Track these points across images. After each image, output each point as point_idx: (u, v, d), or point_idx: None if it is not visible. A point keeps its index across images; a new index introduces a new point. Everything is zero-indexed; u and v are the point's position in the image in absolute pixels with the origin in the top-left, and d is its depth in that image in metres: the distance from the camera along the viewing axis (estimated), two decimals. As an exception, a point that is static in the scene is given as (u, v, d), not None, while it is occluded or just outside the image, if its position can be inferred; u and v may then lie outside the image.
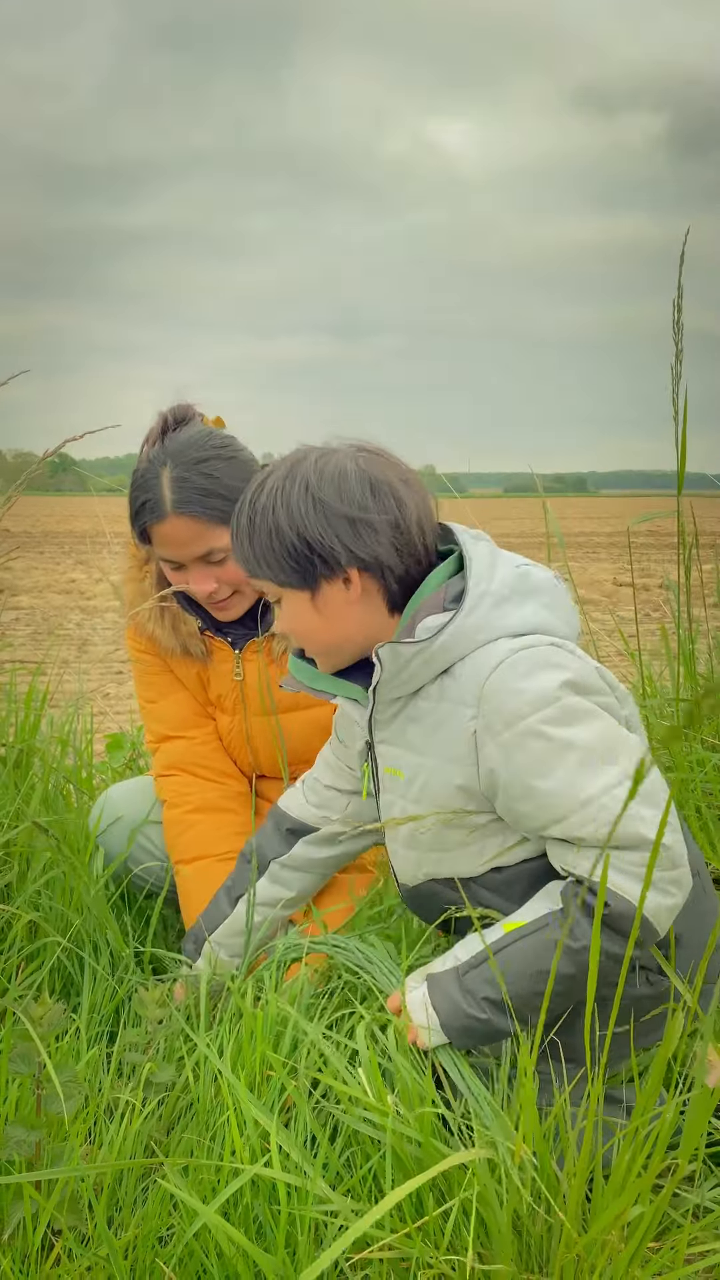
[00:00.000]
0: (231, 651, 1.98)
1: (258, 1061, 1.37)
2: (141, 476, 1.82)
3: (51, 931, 1.80)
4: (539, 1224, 1.16)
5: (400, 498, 1.38)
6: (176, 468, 1.79)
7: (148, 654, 2.04)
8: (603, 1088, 1.22)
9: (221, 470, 1.80)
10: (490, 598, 1.35)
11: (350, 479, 1.36)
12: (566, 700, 1.28)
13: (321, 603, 1.40)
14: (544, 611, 1.37)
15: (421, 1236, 1.15)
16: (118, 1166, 1.25)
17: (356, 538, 1.36)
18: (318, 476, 1.36)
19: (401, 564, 1.39)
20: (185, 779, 2.01)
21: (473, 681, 1.32)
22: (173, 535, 1.81)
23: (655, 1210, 1.12)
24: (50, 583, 13.39)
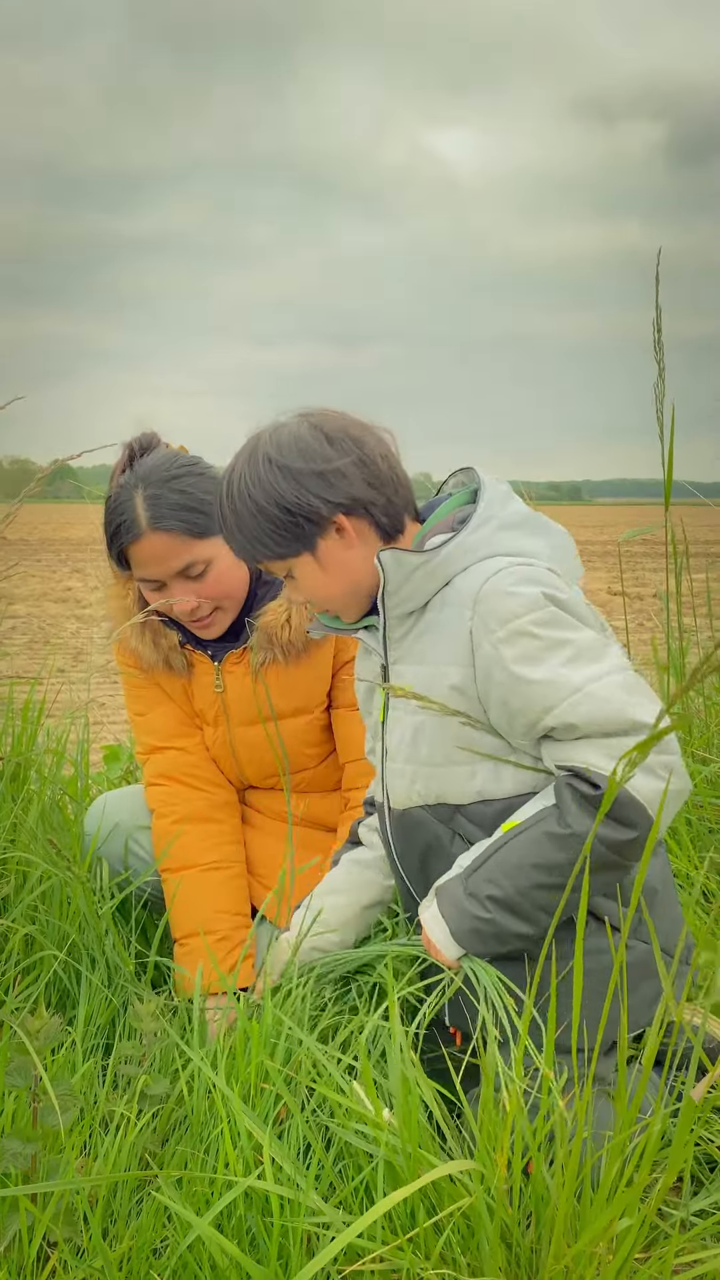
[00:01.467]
0: (212, 664, 2.00)
1: (252, 1073, 1.38)
2: (115, 501, 1.86)
3: (48, 945, 1.81)
4: (528, 1235, 1.18)
5: (356, 437, 1.46)
6: (149, 488, 1.83)
7: (135, 668, 2.06)
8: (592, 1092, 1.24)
9: (193, 485, 1.85)
10: (496, 522, 1.43)
11: (306, 439, 1.45)
12: (554, 609, 1.36)
13: (324, 558, 1.48)
14: (547, 550, 1.44)
15: (412, 1248, 1.17)
16: (112, 1179, 1.27)
17: (329, 487, 1.44)
18: (276, 448, 1.45)
19: (380, 495, 1.47)
20: (174, 788, 2.04)
21: (470, 587, 1.39)
22: (150, 553, 1.84)
23: (642, 1222, 1.14)
24: (47, 591, 13.40)
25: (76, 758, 2.55)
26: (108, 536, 1.88)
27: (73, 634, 9.37)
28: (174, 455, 1.90)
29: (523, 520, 1.46)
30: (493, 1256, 1.14)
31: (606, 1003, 1.14)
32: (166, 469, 1.86)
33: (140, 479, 1.85)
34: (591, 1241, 1.13)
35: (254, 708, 2.00)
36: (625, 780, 1.06)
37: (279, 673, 1.97)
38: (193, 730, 2.08)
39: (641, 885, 1.11)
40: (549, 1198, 1.17)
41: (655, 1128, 1.14)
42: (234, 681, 2.00)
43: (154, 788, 2.05)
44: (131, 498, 1.84)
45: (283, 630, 1.93)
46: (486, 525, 1.43)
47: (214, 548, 1.87)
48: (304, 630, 1.93)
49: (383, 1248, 1.15)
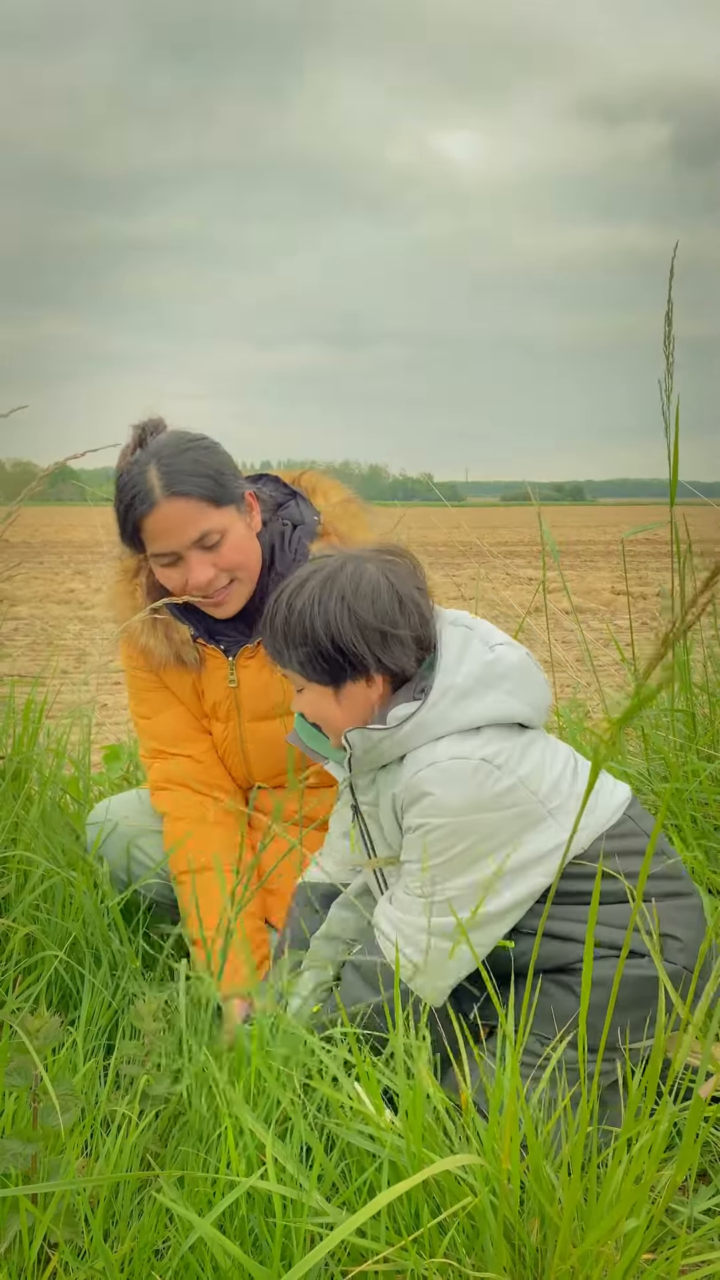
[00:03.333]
0: (225, 659, 1.98)
1: (253, 1073, 1.37)
2: (127, 476, 1.86)
3: (49, 945, 1.80)
4: (534, 1234, 1.17)
5: (422, 611, 1.56)
6: (162, 460, 1.84)
7: (141, 669, 2.04)
8: (599, 1091, 1.24)
9: (205, 456, 1.87)
10: (454, 692, 1.51)
11: (382, 594, 1.52)
12: (466, 819, 1.47)
13: (343, 696, 1.57)
14: (507, 699, 1.52)
15: (416, 1248, 1.15)
16: (114, 1179, 1.26)
17: (385, 649, 1.52)
18: (353, 590, 1.52)
19: (414, 666, 1.56)
20: (183, 793, 2.02)
21: (412, 769, 1.51)
22: (167, 521, 1.83)
23: (650, 1221, 1.13)
24: (49, 592, 13.40)
25: (79, 758, 2.54)
26: (121, 513, 1.87)
27: (75, 635, 9.36)
28: (183, 432, 1.91)
29: (478, 678, 1.52)
30: (497, 1256, 1.13)
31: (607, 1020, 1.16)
32: (178, 443, 1.87)
33: (153, 454, 1.85)
34: (598, 1241, 1.12)
35: (266, 702, 1.99)
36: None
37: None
38: (199, 735, 2.06)
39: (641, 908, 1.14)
40: (554, 1196, 1.16)
41: (663, 1125, 1.13)
42: (247, 676, 1.98)
43: (162, 792, 2.03)
44: (145, 471, 1.84)
45: None
46: (443, 699, 1.50)
47: (228, 517, 1.87)
48: None
49: (387, 1248, 1.14)
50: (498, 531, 11.96)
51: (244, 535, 1.90)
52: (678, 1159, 1.17)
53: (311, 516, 2.01)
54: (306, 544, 1.96)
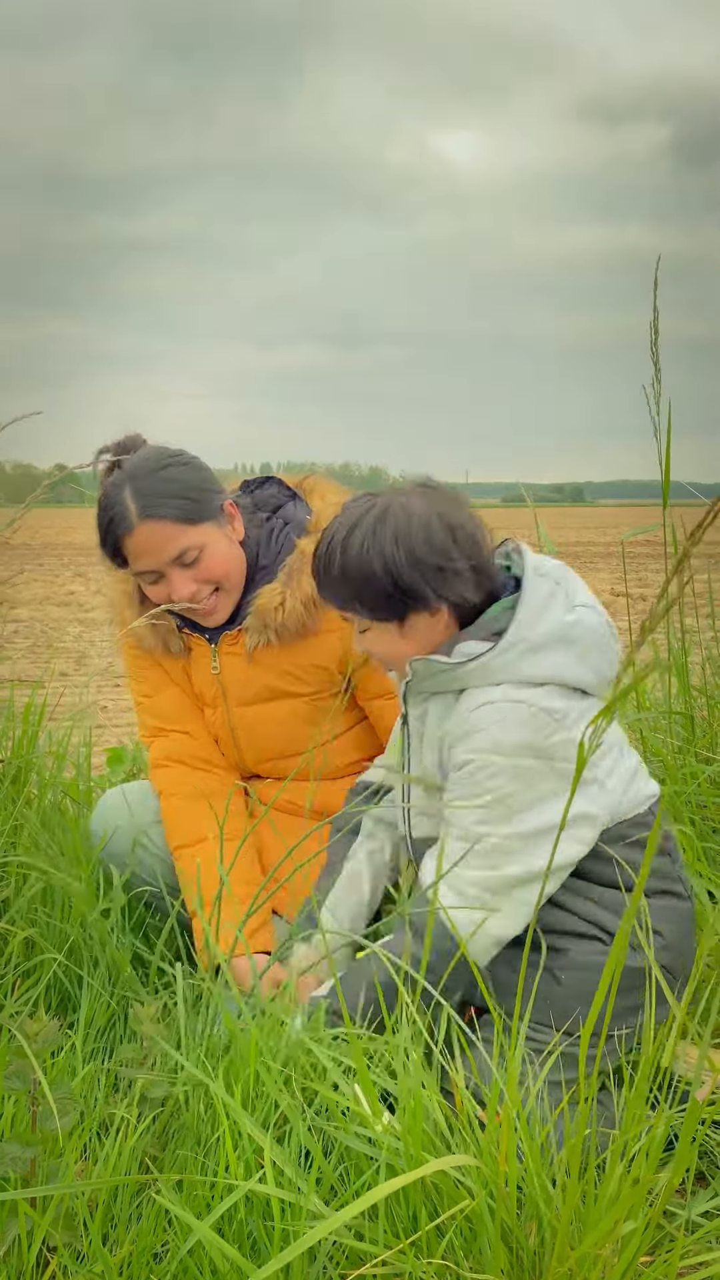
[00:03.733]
0: (208, 646, 2.03)
1: (251, 1076, 1.37)
2: (105, 499, 1.89)
3: (48, 948, 1.80)
4: (532, 1237, 1.17)
5: (475, 539, 1.57)
6: (136, 480, 1.87)
7: (138, 649, 2.10)
8: (595, 1092, 1.24)
9: (180, 474, 1.89)
10: (525, 645, 1.52)
11: (435, 528, 1.53)
12: (518, 761, 1.48)
13: (408, 629, 1.59)
14: (575, 664, 1.53)
15: (414, 1251, 1.16)
16: (112, 1183, 1.26)
17: (444, 583, 1.53)
18: (405, 526, 1.53)
19: (479, 595, 1.57)
20: (179, 769, 2.07)
21: (469, 704, 1.53)
22: (145, 543, 1.87)
23: (647, 1224, 1.13)
24: (49, 595, 13.41)
25: (79, 760, 2.54)
26: (101, 534, 1.91)
27: (75, 638, 9.37)
28: (159, 448, 1.94)
29: (553, 636, 1.53)
30: (495, 1259, 1.14)
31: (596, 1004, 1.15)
32: (154, 462, 1.90)
33: (128, 475, 1.88)
34: (595, 1244, 1.12)
35: (251, 689, 2.03)
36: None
37: (275, 654, 2.00)
38: (196, 713, 2.11)
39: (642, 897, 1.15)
40: (551, 1199, 1.16)
41: (660, 1129, 1.13)
42: (230, 663, 2.03)
43: (159, 769, 2.08)
44: (121, 493, 1.87)
45: (276, 612, 1.95)
46: (513, 649, 1.52)
47: (205, 533, 1.90)
48: (297, 612, 1.95)
49: (385, 1251, 1.14)
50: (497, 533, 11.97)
51: (224, 547, 1.93)
52: (675, 1162, 1.17)
53: (305, 515, 2.05)
54: (294, 539, 2.01)
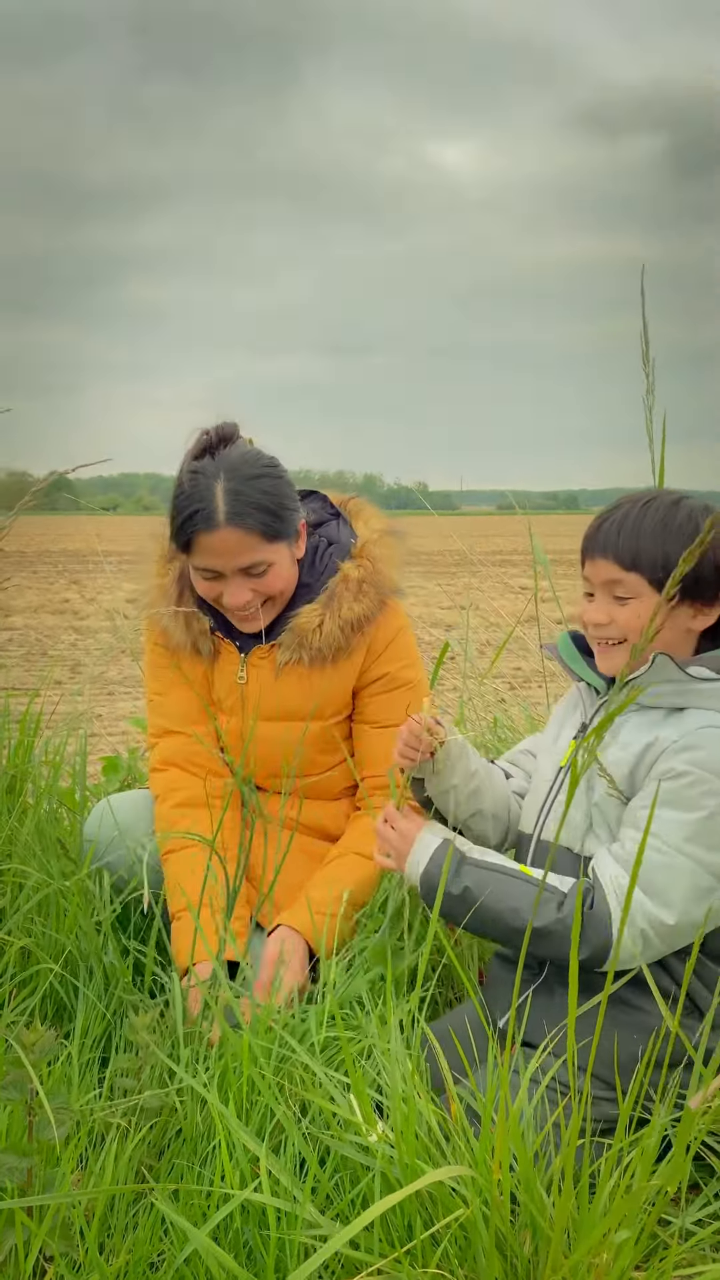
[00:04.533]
0: (238, 654, 2.01)
1: (244, 1085, 1.38)
2: (191, 486, 1.86)
3: (44, 958, 1.81)
4: (526, 1245, 1.17)
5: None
6: (231, 480, 1.84)
7: (162, 645, 2.08)
8: (589, 1108, 1.25)
9: (273, 487, 1.87)
10: None
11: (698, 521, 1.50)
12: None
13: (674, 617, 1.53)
14: None
15: (410, 1260, 1.16)
16: (108, 1192, 1.26)
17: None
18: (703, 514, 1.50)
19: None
20: (176, 774, 2.05)
21: (696, 721, 1.48)
22: (222, 546, 1.85)
23: (640, 1232, 1.14)
24: (44, 603, 13.40)
25: (74, 769, 2.54)
26: (178, 520, 1.87)
27: (70, 645, 9.36)
28: (257, 452, 1.92)
29: None
30: (489, 1267, 1.14)
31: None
32: (252, 465, 1.87)
33: (224, 469, 1.85)
34: (589, 1252, 1.13)
35: (271, 703, 2.01)
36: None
37: (302, 674, 1.99)
38: (205, 719, 2.09)
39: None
40: (545, 1208, 1.17)
41: (652, 1137, 1.14)
42: (256, 675, 2.01)
43: (158, 773, 2.07)
44: (212, 486, 1.84)
45: (314, 634, 1.94)
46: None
47: (279, 551, 1.89)
48: (334, 636, 1.95)
49: (380, 1259, 1.14)
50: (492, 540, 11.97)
51: (288, 565, 1.93)
52: (669, 1171, 1.18)
53: (349, 539, 2.04)
54: (337, 561, 2.01)
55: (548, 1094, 1.44)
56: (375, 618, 2.00)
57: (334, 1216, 1.25)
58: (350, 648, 1.98)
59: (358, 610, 1.97)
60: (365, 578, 1.99)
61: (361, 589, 1.98)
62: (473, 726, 3.08)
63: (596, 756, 1.19)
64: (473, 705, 3.11)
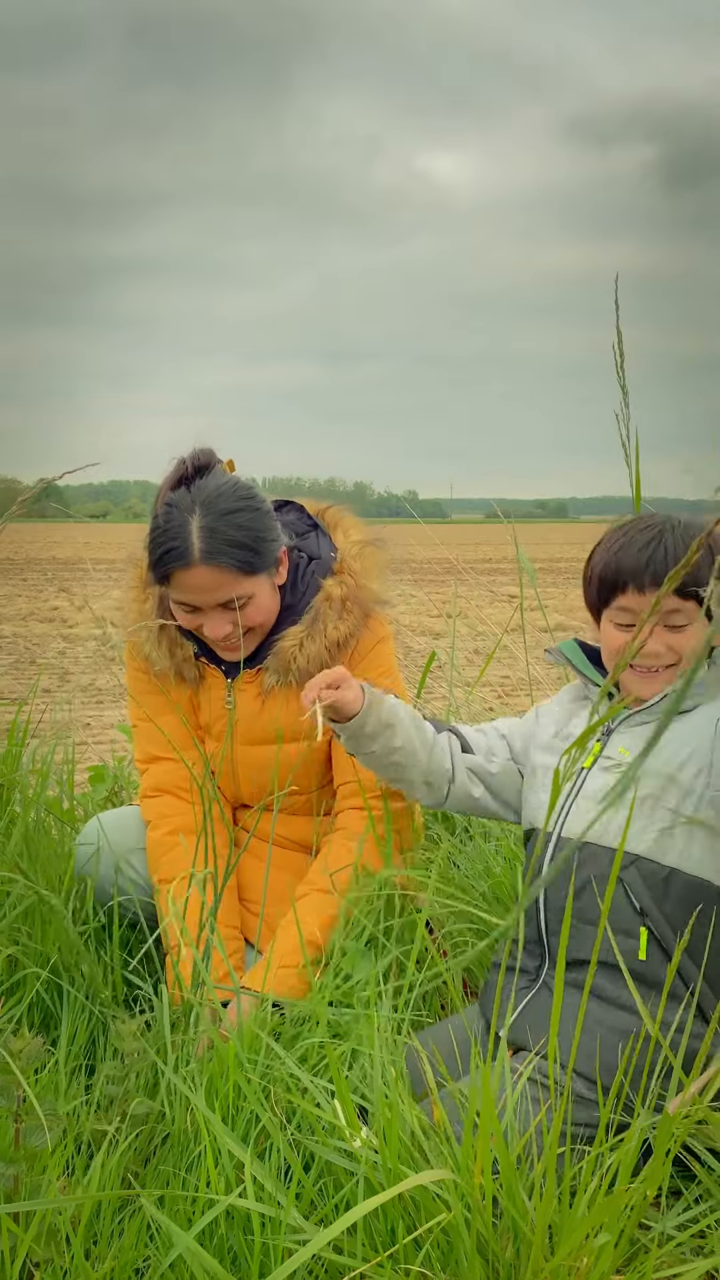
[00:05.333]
0: (224, 679, 2.00)
1: (230, 1091, 1.39)
2: (166, 521, 1.83)
3: (30, 965, 1.81)
4: (508, 1249, 1.19)
5: None
6: (206, 517, 1.80)
7: (144, 673, 2.06)
8: (583, 1112, 1.26)
9: (250, 520, 1.83)
10: None
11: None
12: None
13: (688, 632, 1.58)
14: None
15: (392, 1264, 1.17)
16: (95, 1198, 1.27)
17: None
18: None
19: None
20: (168, 800, 2.04)
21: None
22: (198, 584, 1.82)
23: (619, 1234, 1.15)
24: (33, 610, 13.38)
25: (61, 778, 2.55)
26: (154, 556, 1.85)
27: (59, 654, 9.35)
28: (233, 484, 1.87)
29: None
30: (471, 1271, 1.15)
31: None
32: (228, 499, 1.83)
33: (199, 503, 1.82)
34: (570, 1255, 1.14)
35: (259, 728, 2.00)
36: None
37: (289, 697, 1.97)
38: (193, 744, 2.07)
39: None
40: (527, 1212, 1.18)
41: (632, 1141, 1.15)
42: (244, 700, 2.00)
43: (149, 799, 2.05)
44: (186, 523, 1.81)
45: (299, 657, 1.93)
46: None
47: (258, 584, 1.86)
48: (320, 658, 1.93)
49: (363, 1264, 1.16)
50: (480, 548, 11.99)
51: (268, 596, 1.90)
52: (648, 1175, 1.19)
53: (329, 553, 2.01)
54: (319, 579, 1.98)
55: (535, 1096, 1.45)
56: (359, 633, 1.98)
57: (318, 1222, 1.26)
58: (334, 666, 1.97)
59: (343, 629, 1.96)
60: (348, 595, 1.97)
61: (345, 607, 1.96)
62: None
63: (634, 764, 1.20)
64: (459, 715, 3.12)
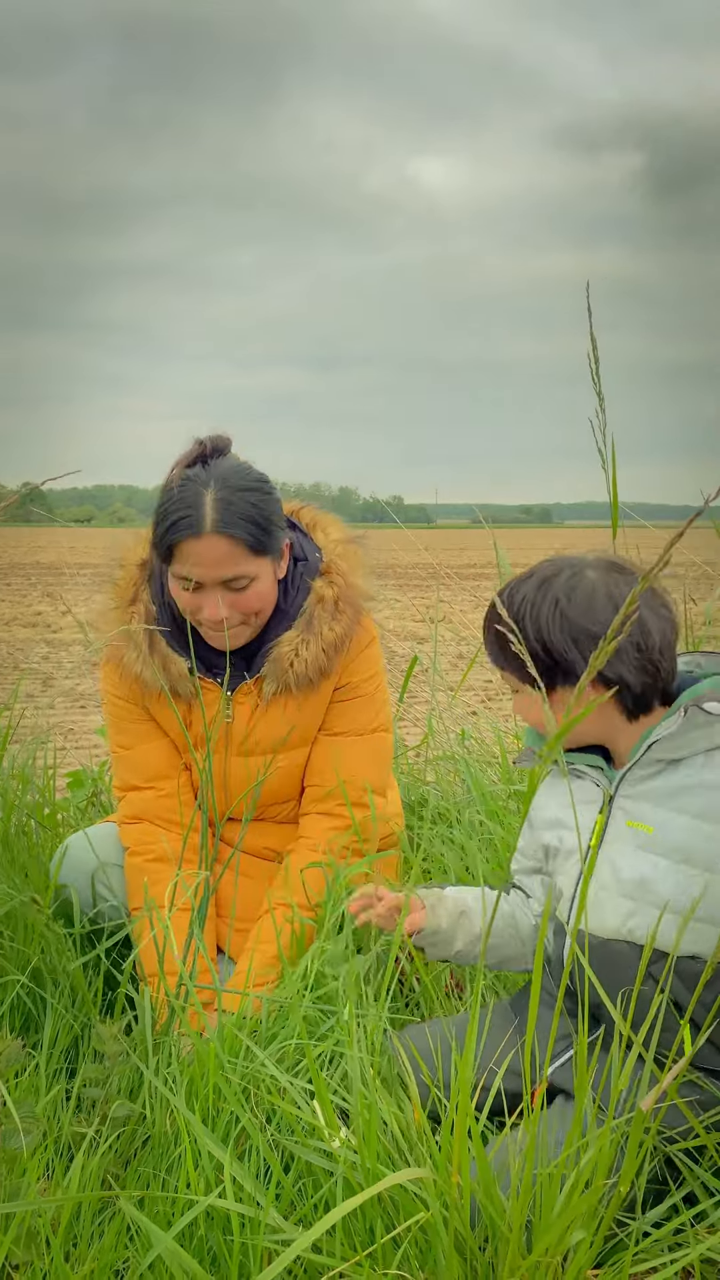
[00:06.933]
0: (220, 692, 1.97)
1: (210, 1092, 1.39)
2: (179, 493, 1.83)
3: (11, 969, 1.82)
4: (486, 1248, 1.20)
5: (645, 623, 1.45)
6: (222, 490, 1.82)
7: (126, 700, 2.02)
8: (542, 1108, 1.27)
9: (262, 502, 1.85)
10: None
11: (598, 599, 1.45)
12: None
13: (557, 703, 1.48)
14: None
15: (370, 1263, 1.18)
16: (74, 1200, 1.27)
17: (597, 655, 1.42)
18: (567, 595, 1.46)
19: (640, 680, 1.46)
20: (147, 827, 2.01)
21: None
22: (206, 554, 1.82)
23: (594, 1233, 1.16)
24: (16, 615, 13.33)
25: (41, 784, 2.55)
26: (163, 526, 1.84)
27: (43, 658, 9.33)
28: (248, 467, 1.90)
29: None
30: (449, 1269, 1.17)
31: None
32: (243, 478, 1.85)
33: (215, 478, 1.83)
34: (545, 1254, 1.15)
35: (258, 737, 1.99)
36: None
37: (286, 704, 1.97)
38: (174, 771, 2.04)
39: None
40: (504, 1210, 1.19)
41: (606, 1139, 1.17)
42: (241, 713, 1.99)
43: (129, 826, 2.03)
44: (201, 494, 1.82)
45: (297, 661, 1.93)
46: None
47: (262, 567, 1.87)
48: (319, 660, 1.94)
49: (342, 1263, 1.16)
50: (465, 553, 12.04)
51: (269, 584, 1.90)
52: (622, 1172, 1.21)
53: (314, 554, 2.01)
54: (309, 581, 1.98)
55: None
56: (354, 633, 1.99)
57: (297, 1221, 1.27)
58: (332, 668, 1.97)
59: (338, 630, 1.96)
60: (340, 595, 1.97)
61: (338, 607, 1.97)
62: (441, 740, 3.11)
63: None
64: (441, 719, 3.14)
